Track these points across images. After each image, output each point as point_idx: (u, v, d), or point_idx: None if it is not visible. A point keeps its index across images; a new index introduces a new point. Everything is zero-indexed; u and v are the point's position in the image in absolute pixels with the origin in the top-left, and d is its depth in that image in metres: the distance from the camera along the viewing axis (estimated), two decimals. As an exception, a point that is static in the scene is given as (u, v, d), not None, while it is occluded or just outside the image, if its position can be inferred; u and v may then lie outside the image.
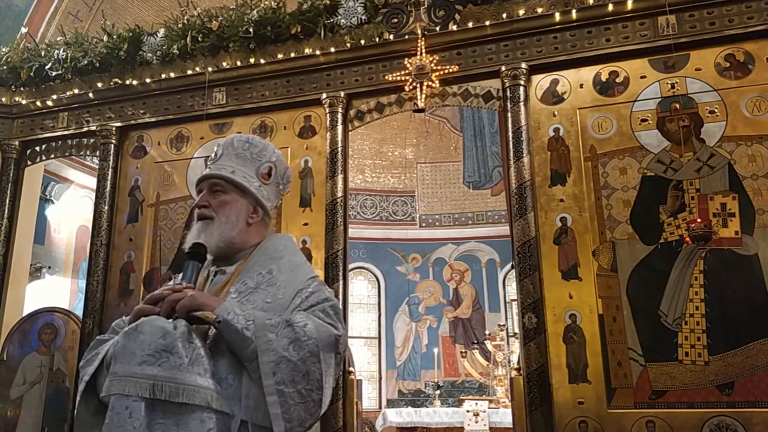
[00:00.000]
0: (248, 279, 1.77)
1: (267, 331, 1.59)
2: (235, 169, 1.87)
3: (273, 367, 1.55)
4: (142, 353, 1.50)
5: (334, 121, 4.52)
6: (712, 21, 3.88)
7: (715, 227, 3.60)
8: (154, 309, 1.61)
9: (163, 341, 1.51)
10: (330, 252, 4.26)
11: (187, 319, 1.58)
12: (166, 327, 1.54)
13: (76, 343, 4.85)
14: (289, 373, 1.56)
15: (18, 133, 5.43)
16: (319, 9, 4.54)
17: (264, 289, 1.74)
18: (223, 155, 1.90)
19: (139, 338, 1.52)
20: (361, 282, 11.24)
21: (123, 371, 1.50)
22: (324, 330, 1.65)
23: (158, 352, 1.50)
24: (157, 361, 1.50)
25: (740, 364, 3.44)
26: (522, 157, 4.04)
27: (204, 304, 1.60)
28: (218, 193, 1.85)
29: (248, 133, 4.76)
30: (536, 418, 3.63)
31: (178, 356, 1.50)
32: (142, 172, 5.07)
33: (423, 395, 9.72)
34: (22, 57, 5.43)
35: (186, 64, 4.92)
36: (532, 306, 3.80)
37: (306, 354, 1.59)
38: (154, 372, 1.48)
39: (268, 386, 1.54)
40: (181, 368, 1.50)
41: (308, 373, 1.59)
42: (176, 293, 1.62)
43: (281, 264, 1.81)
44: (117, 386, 1.49)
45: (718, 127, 3.80)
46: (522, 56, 4.20)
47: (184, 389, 1.48)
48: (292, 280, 1.77)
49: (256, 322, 1.60)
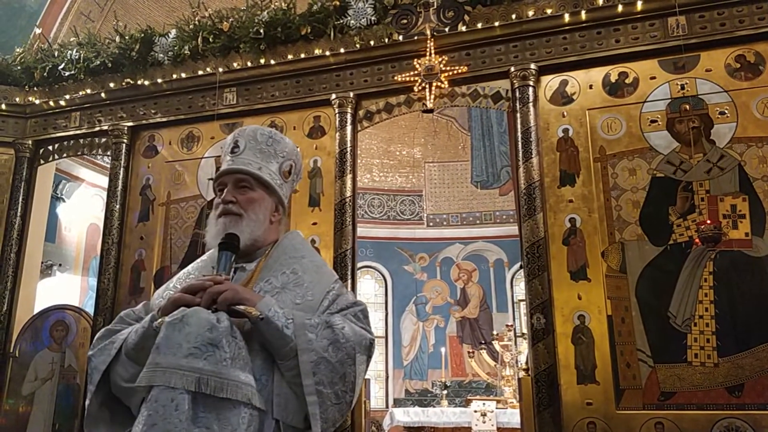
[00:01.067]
0: (272, 278, 1.74)
1: (307, 330, 1.58)
2: (261, 166, 1.83)
3: (313, 367, 1.55)
4: (189, 345, 1.48)
5: (343, 122, 4.54)
6: (722, 22, 3.87)
7: (725, 229, 3.59)
8: (194, 299, 1.57)
9: (210, 335, 1.49)
10: (338, 251, 4.28)
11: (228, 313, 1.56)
12: (212, 320, 1.51)
13: (87, 340, 4.90)
14: (328, 374, 1.57)
15: (31, 133, 5.49)
16: (329, 10, 4.56)
17: (291, 289, 1.72)
18: (247, 149, 1.84)
19: (185, 330, 1.49)
20: (368, 281, 11.26)
21: (168, 363, 1.47)
22: (360, 334, 1.66)
23: (204, 346, 1.48)
24: (203, 355, 1.47)
25: (750, 366, 3.43)
26: (531, 157, 4.05)
27: (246, 299, 1.58)
28: (245, 190, 1.80)
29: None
30: (544, 418, 3.63)
31: (223, 351, 1.49)
32: (153, 172, 5.11)
33: (430, 395, 9.74)
34: (36, 57, 5.49)
35: (197, 64, 4.96)
36: (540, 306, 3.80)
37: (344, 356, 1.60)
38: (200, 365, 1.46)
39: (307, 386, 1.54)
40: (226, 363, 1.48)
41: (345, 375, 1.59)
42: (218, 285, 1.58)
43: (304, 264, 1.80)
44: (161, 378, 1.46)
45: (729, 128, 3.79)
46: (531, 57, 4.20)
47: (228, 384, 1.47)
48: (318, 281, 1.77)
49: (296, 321, 1.59)
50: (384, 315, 11.04)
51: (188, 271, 1.89)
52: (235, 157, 1.84)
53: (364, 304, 1.79)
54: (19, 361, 5.01)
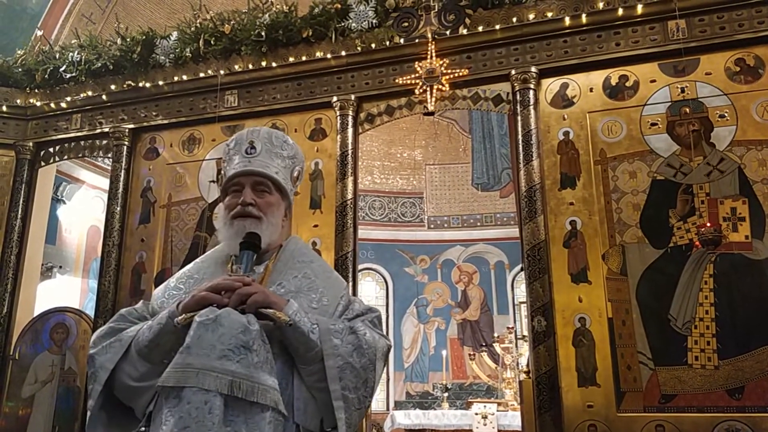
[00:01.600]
0: (285, 281, 1.73)
1: (332, 335, 1.58)
2: (278, 170, 1.82)
3: (339, 373, 1.55)
4: (222, 347, 1.45)
5: (344, 124, 4.55)
6: (722, 25, 3.88)
7: (725, 231, 3.60)
8: (222, 299, 1.53)
9: (243, 337, 1.47)
10: (340, 254, 4.28)
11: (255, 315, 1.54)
12: (245, 322, 1.49)
13: (87, 342, 4.88)
14: (353, 380, 1.57)
15: (32, 135, 5.49)
16: (331, 13, 4.58)
17: (306, 293, 1.71)
18: (263, 151, 1.81)
19: (218, 331, 1.46)
20: (369, 283, 11.25)
21: (201, 364, 1.44)
22: (380, 340, 1.67)
23: (238, 348, 1.46)
24: (236, 357, 1.45)
25: (750, 368, 3.43)
26: (531, 160, 4.05)
27: (274, 303, 1.56)
28: (263, 193, 1.78)
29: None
30: (545, 421, 3.63)
31: (255, 354, 1.47)
32: (154, 174, 5.11)
33: (431, 397, 9.72)
34: (37, 59, 5.49)
35: (198, 66, 4.97)
36: (541, 309, 3.81)
37: (366, 362, 1.60)
38: (233, 368, 1.44)
39: (334, 391, 1.54)
40: (257, 367, 1.47)
41: (367, 380, 1.60)
42: (246, 286, 1.55)
43: (314, 269, 1.80)
44: (194, 379, 1.42)
45: (728, 131, 3.79)
46: (532, 60, 4.21)
47: (259, 388, 1.46)
48: (331, 287, 1.77)
49: (320, 326, 1.59)
50: (385, 317, 11.02)
51: (189, 272, 1.85)
52: (251, 158, 1.80)
53: (378, 311, 1.80)
54: (19, 364, 5.00)
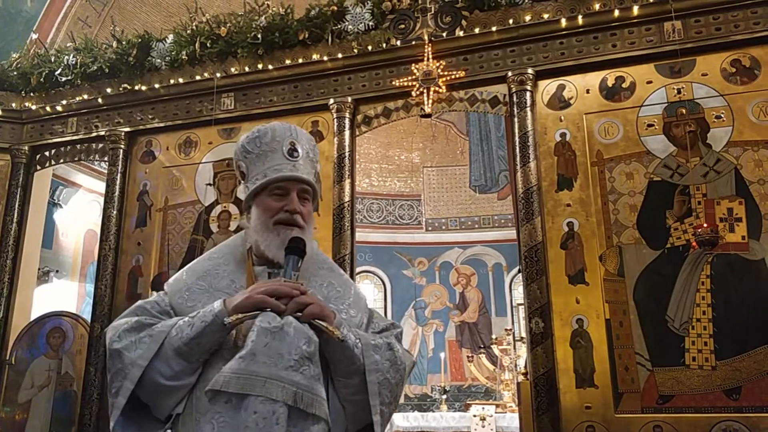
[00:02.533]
0: (312, 289, 1.67)
1: (372, 351, 1.58)
2: (315, 178, 1.78)
3: (378, 388, 1.55)
4: (290, 357, 1.43)
5: (341, 126, 4.54)
6: (718, 26, 3.89)
7: (721, 232, 3.60)
8: (280, 306, 1.49)
9: (308, 348, 1.46)
10: (337, 256, 4.27)
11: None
12: (310, 334, 1.48)
13: (84, 347, 4.86)
14: (388, 395, 1.58)
15: (28, 138, 5.48)
16: (327, 15, 4.57)
17: (335, 304, 1.68)
18: (304, 156, 1.74)
19: (286, 340, 1.44)
20: (367, 286, 11.24)
21: (268, 373, 1.41)
22: (408, 357, 1.68)
23: (302, 359, 1.45)
24: (300, 368, 1.44)
25: (747, 369, 3.43)
26: (529, 161, 4.05)
27: (328, 317, 1.54)
28: (305, 201, 1.74)
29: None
30: (543, 422, 3.63)
31: (316, 366, 1.47)
32: (151, 177, 5.10)
33: (429, 400, 9.71)
34: (32, 63, 5.48)
35: (195, 69, 4.96)
36: (539, 310, 3.80)
37: (399, 378, 1.61)
38: (298, 379, 1.44)
39: (374, 405, 1.54)
40: (316, 379, 1.47)
41: (397, 396, 1.62)
42: (304, 296, 1.52)
43: (335, 277, 1.78)
44: (261, 388, 1.40)
45: (725, 132, 3.80)
46: (528, 62, 4.21)
47: (316, 400, 1.45)
48: (356, 298, 1.76)
49: (362, 341, 1.59)
50: (382, 320, 10.99)
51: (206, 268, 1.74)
52: (296, 162, 1.72)
53: (401, 327, 1.80)
54: (15, 369, 4.98)
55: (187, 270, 1.77)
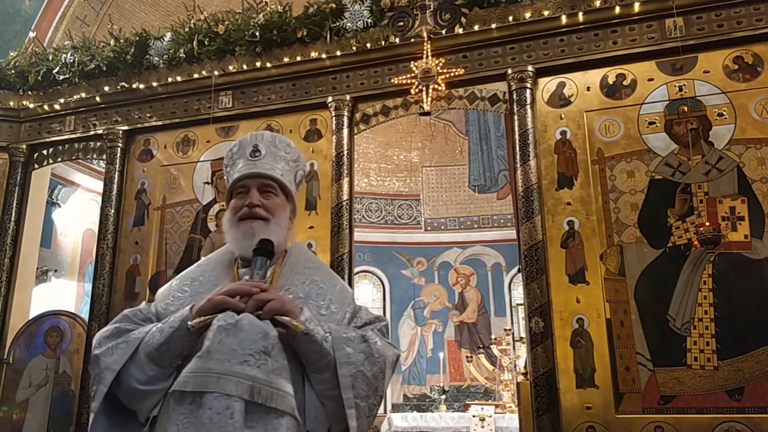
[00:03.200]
0: (293, 287, 1.72)
1: (344, 344, 1.58)
2: (283, 173, 1.83)
3: (351, 381, 1.55)
4: (243, 352, 1.45)
5: (339, 125, 4.52)
6: (720, 23, 3.86)
7: (724, 231, 3.57)
8: (239, 304, 1.52)
9: (264, 342, 1.47)
10: (335, 255, 4.25)
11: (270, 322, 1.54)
12: (266, 328, 1.49)
13: (82, 346, 4.86)
14: (364, 388, 1.57)
15: (25, 137, 5.46)
16: (325, 13, 4.55)
17: (315, 300, 1.71)
18: (268, 154, 1.82)
19: (239, 336, 1.46)
20: (366, 286, 11.22)
21: (222, 369, 1.44)
22: (389, 349, 1.67)
23: (258, 353, 1.46)
24: (257, 362, 1.45)
25: (750, 369, 3.40)
26: (529, 160, 4.03)
27: (290, 311, 1.55)
28: (270, 195, 1.79)
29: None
30: (543, 423, 3.60)
31: (274, 360, 1.47)
32: (149, 176, 5.08)
33: (428, 400, 9.69)
34: (30, 61, 5.46)
35: (192, 67, 4.94)
36: (539, 310, 3.78)
37: (377, 370, 1.60)
38: (254, 373, 1.44)
39: (347, 399, 1.53)
40: (276, 372, 1.47)
41: (377, 388, 1.60)
42: (264, 293, 1.55)
43: (321, 275, 1.80)
44: (216, 384, 1.42)
45: (727, 129, 3.77)
46: (528, 59, 4.18)
47: (277, 394, 1.45)
48: (339, 294, 1.77)
49: (333, 334, 1.58)
50: (382, 320, 10.98)
51: (193, 274, 1.83)
52: (256, 161, 1.81)
53: (386, 320, 1.80)
54: (13, 368, 4.97)
55: (178, 277, 1.84)
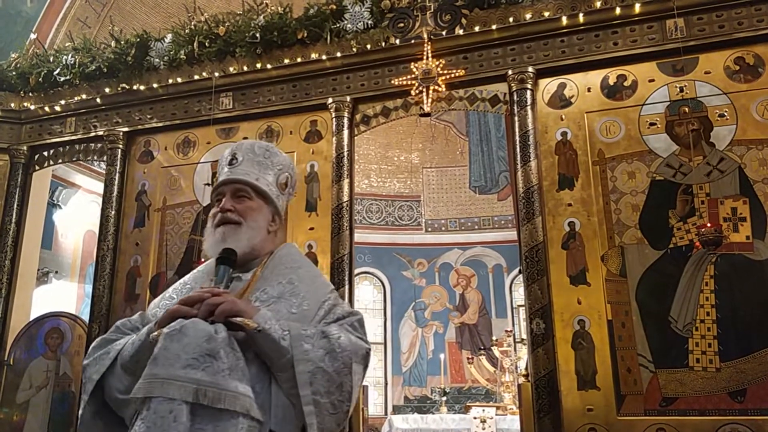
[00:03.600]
0: (269, 288, 1.75)
1: (303, 341, 1.59)
2: (258, 177, 1.87)
3: (309, 378, 1.56)
4: (187, 356, 1.47)
5: (340, 126, 4.51)
6: (721, 24, 3.85)
7: (725, 232, 3.56)
8: (191, 311, 1.57)
9: (208, 345, 1.49)
10: (336, 257, 4.24)
11: (224, 325, 1.56)
12: (210, 331, 1.51)
13: (82, 347, 4.86)
14: (325, 384, 1.57)
15: (26, 138, 5.46)
16: (326, 14, 4.55)
17: (287, 299, 1.73)
18: (245, 161, 1.88)
19: (183, 341, 1.49)
20: (366, 287, 11.21)
21: (166, 374, 1.47)
22: (356, 343, 1.67)
23: (202, 356, 1.48)
24: (201, 365, 1.47)
25: (752, 370, 3.39)
26: (529, 161, 4.02)
27: (243, 311, 1.58)
28: (243, 199, 1.84)
29: (254, 138, 4.78)
30: (545, 425, 3.59)
31: (221, 362, 1.49)
32: (149, 177, 5.07)
33: (429, 401, 9.67)
34: (31, 63, 5.47)
35: (193, 69, 4.94)
36: (540, 311, 3.77)
37: (340, 365, 1.60)
38: (198, 376, 1.46)
39: (304, 396, 1.54)
40: (224, 374, 1.48)
41: (341, 384, 1.60)
42: (215, 297, 1.59)
43: (300, 274, 1.82)
44: (159, 389, 1.46)
45: (728, 130, 3.76)
46: (529, 60, 4.18)
47: (226, 395, 1.47)
48: (314, 291, 1.78)
49: (292, 332, 1.59)
50: (383, 321, 10.99)
51: (184, 281, 1.89)
52: (233, 168, 1.88)
53: (360, 314, 1.80)
54: (13, 369, 4.97)
55: (173, 285, 1.91)
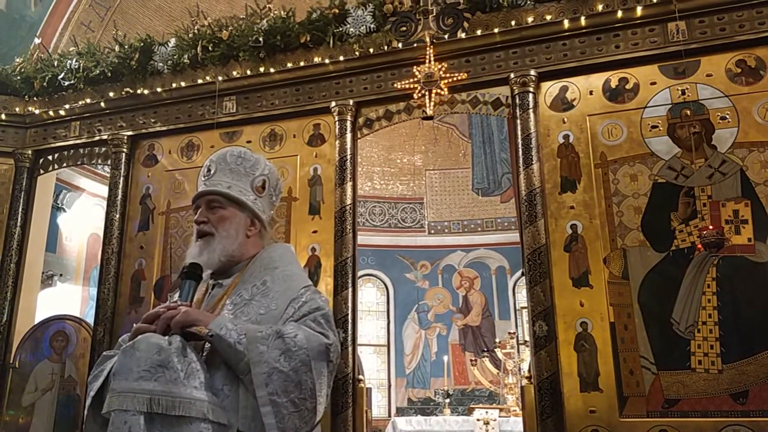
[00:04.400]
0: (243, 291, 1.81)
1: (258, 343, 1.63)
2: (231, 185, 1.92)
3: (265, 379, 1.59)
4: (139, 369, 1.55)
5: (343, 129, 4.53)
6: (722, 27, 3.86)
7: (727, 234, 3.56)
8: (150, 327, 1.66)
9: (159, 356, 1.56)
10: (339, 259, 4.26)
11: (183, 335, 1.63)
12: (161, 343, 1.59)
13: (87, 350, 4.87)
14: (282, 384, 1.60)
15: (31, 143, 5.49)
16: (329, 18, 4.57)
17: (258, 300, 1.78)
18: (217, 171, 1.94)
19: (135, 355, 1.57)
20: (369, 289, 11.23)
21: (121, 387, 1.55)
22: (315, 339, 1.69)
23: (154, 368, 1.55)
24: (153, 376, 1.54)
25: (754, 372, 3.39)
26: (531, 164, 4.03)
27: (197, 320, 1.66)
28: (216, 209, 1.90)
29: (258, 142, 4.81)
30: (547, 426, 3.60)
31: (173, 371, 1.55)
32: (153, 181, 5.10)
33: (433, 403, 9.68)
34: (36, 67, 5.49)
35: (196, 73, 4.96)
36: (542, 314, 3.78)
37: (297, 364, 1.63)
38: (151, 387, 1.53)
39: (261, 397, 1.58)
40: (177, 382, 1.55)
41: (300, 382, 1.63)
42: (171, 311, 1.67)
43: (275, 274, 1.86)
44: (116, 402, 1.53)
45: (730, 133, 3.77)
46: (531, 63, 4.19)
47: (180, 402, 1.53)
48: (285, 290, 1.81)
49: (248, 335, 1.64)
50: (386, 323, 11.00)
51: (173, 297, 1.95)
52: (207, 180, 1.95)
53: (326, 308, 1.82)
54: (19, 372, 4.99)
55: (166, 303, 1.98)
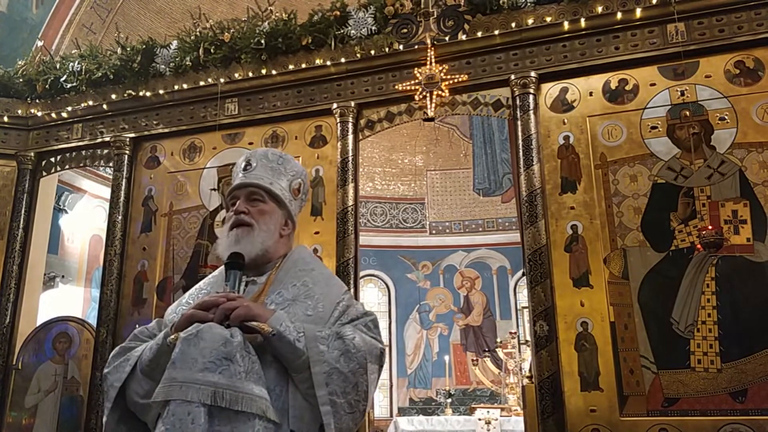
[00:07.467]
0: (284, 290, 1.79)
1: (318, 342, 1.62)
2: (272, 181, 1.91)
3: (326, 378, 1.59)
4: (204, 360, 1.52)
5: (344, 131, 4.55)
6: (721, 28, 3.89)
7: (726, 234, 3.59)
8: (207, 315, 1.61)
9: (224, 349, 1.53)
10: (341, 260, 4.28)
11: (240, 328, 1.60)
12: (226, 335, 1.55)
13: (90, 351, 4.89)
14: (341, 384, 1.60)
15: (33, 145, 5.51)
16: (330, 20, 4.59)
17: (302, 301, 1.76)
18: (258, 166, 1.93)
19: (200, 345, 1.53)
20: (371, 289, 11.25)
21: (184, 377, 1.51)
22: (370, 343, 1.70)
23: (219, 360, 1.52)
24: (218, 369, 1.51)
25: (753, 371, 3.42)
26: (532, 164, 4.05)
27: (258, 315, 1.62)
28: (257, 202, 1.88)
29: (260, 144, 4.83)
30: (548, 426, 3.62)
31: (237, 365, 1.53)
32: (156, 182, 5.12)
33: (434, 403, 9.70)
34: (38, 70, 5.51)
35: (198, 75, 4.98)
36: (543, 314, 3.80)
37: (355, 366, 1.63)
38: (215, 379, 1.50)
39: (321, 396, 1.58)
40: (240, 377, 1.52)
41: (357, 384, 1.63)
42: (231, 301, 1.63)
43: (314, 276, 1.85)
44: (178, 392, 1.50)
45: (729, 133, 3.79)
46: (531, 65, 4.22)
47: (243, 397, 1.51)
48: (328, 293, 1.81)
49: (307, 334, 1.63)
50: (387, 323, 11.01)
51: (200, 287, 1.93)
52: (247, 173, 1.92)
53: (374, 314, 1.83)
54: (22, 374, 5.00)
55: (189, 291, 1.96)
